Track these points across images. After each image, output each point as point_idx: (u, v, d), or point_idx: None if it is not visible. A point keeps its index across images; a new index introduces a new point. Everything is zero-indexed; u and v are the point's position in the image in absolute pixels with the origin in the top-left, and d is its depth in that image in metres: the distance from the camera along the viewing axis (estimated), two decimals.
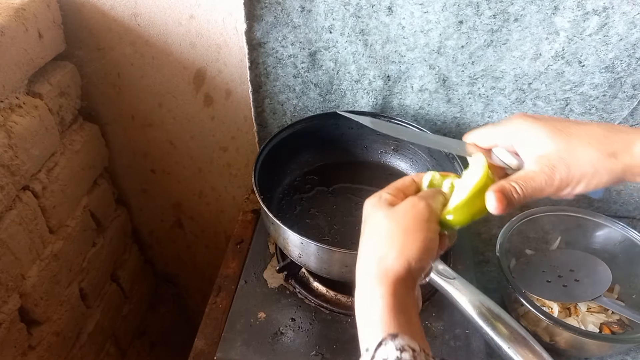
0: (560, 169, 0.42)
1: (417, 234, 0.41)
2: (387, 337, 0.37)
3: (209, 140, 1.02)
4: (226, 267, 0.83)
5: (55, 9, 0.83)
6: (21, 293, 0.80)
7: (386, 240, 0.42)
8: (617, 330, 0.73)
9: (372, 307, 0.40)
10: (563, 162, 0.42)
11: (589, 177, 0.42)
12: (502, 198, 0.42)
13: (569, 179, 0.42)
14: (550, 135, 0.43)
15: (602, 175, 0.42)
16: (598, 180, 0.42)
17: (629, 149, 0.42)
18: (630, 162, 0.42)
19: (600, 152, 0.42)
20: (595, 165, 0.42)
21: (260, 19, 0.77)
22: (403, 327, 0.38)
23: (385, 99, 0.87)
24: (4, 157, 0.73)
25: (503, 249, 0.75)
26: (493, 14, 0.72)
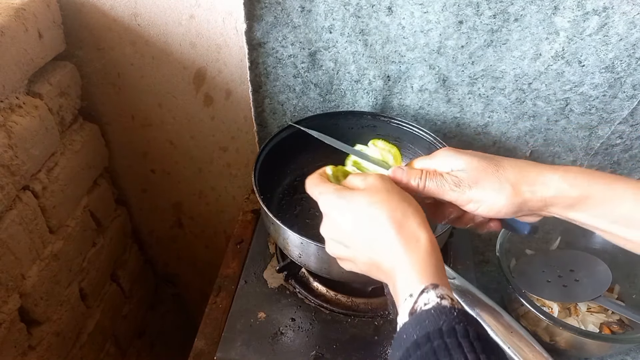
0: (465, 183, 0.49)
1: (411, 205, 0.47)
2: (429, 286, 0.41)
3: (209, 140, 1.02)
4: (226, 267, 0.83)
5: (55, 9, 0.83)
6: (21, 293, 0.80)
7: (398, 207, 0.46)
8: (617, 330, 0.73)
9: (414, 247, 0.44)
10: (471, 181, 0.48)
11: (487, 205, 0.48)
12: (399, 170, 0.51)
13: (470, 196, 0.49)
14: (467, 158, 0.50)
15: (499, 209, 0.48)
16: (496, 211, 0.48)
17: (538, 186, 0.47)
18: (529, 197, 0.47)
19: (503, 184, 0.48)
20: (493, 200, 0.48)
21: (260, 19, 0.77)
22: (441, 278, 0.43)
23: (385, 99, 0.87)
24: (4, 157, 0.73)
25: (503, 249, 0.75)
26: (493, 14, 0.72)
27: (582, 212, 0.47)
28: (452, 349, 0.36)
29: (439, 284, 0.41)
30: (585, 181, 0.46)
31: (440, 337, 0.37)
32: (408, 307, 0.41)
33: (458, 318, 0.38)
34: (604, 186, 0.46)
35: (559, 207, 0.48)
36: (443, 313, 0.38)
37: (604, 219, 0.47)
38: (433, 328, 0.37)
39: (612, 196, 0.46)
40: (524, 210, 0.48)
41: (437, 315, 0.38)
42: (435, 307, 0.39)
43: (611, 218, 0.46)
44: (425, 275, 0.42)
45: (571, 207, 0.47)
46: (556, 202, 0.47)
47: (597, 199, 0.46)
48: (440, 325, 0.37)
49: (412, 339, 0.38)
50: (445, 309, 0.39)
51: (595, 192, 0.46)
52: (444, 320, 0.38)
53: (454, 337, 0.37)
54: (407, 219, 0.45)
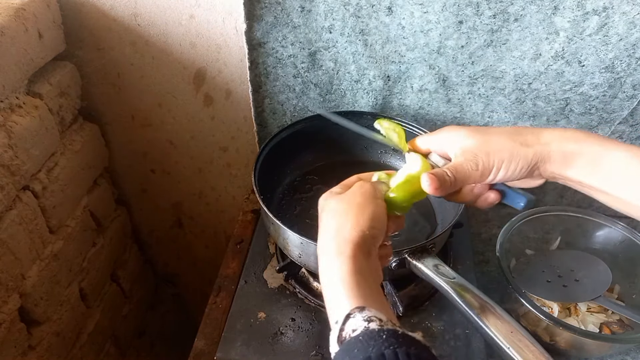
0: (481, 156, 0.49)
1: (367, 207, 0.48)
2: (354, 310, 0.40)
3: (209, 140, 1.02)
4: (226, 267, 0.83)
5: (55, 9, 0.83)
6: (21, 293, 0.80)
7: (340, 216, 0.48)
8: (617, 330, 0.73)
9: (335, 277, 0.43)
10: (483, 151, 0.49)
11: (507, 161, 0.49)
12: (435, 178, 0.49)
13: (490, 164, 0.49)
14: (470, 134, 0.51)
15: (517, 161, 0.48)
16: (515, 165, 0.49)
17: (537, 138, 0.49)
18: (540, 149, 0.48)
19: (513, 141, 0.49)
20: (511, 151, 0.48)
21: (260, 19, 0.77)
22: (367, 298, 0.42)
23: (385, 99, 0.87)
24: (4, 157, 0.73)
25: (503, 249, 0.75)
26: (493, 14, 0.72)
27: (577, 168, 0.48)
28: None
29: (365, 306, 0.40)
30: (582, 136, 0.48)
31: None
32: (335, 335, 0.40)
33: (387, 342, 0.37)
34: (598, 145, 0.47)
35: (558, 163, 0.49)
36: (371, 338, 0.37)
37: (597, 176, 0.47)
38: (362, 357, 0.36)
39: (605, 151, 0.47)
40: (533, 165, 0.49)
41: (365, 342, 0.37)
42: (363, 333, 0.38)
43: (604, 174, 0.47)
44: (351, 296, 0.41)
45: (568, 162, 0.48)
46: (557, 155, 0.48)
47: (591, 154, 0.47)
48: (370, 354, 0.36)
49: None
50: (373, 333, 0.38)
51: (590, 148, 0.47)
52: (372, 346, 0.37)
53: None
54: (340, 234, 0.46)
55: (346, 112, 0.86)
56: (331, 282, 0.44)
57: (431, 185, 0.49)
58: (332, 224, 0.47)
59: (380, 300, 0.43)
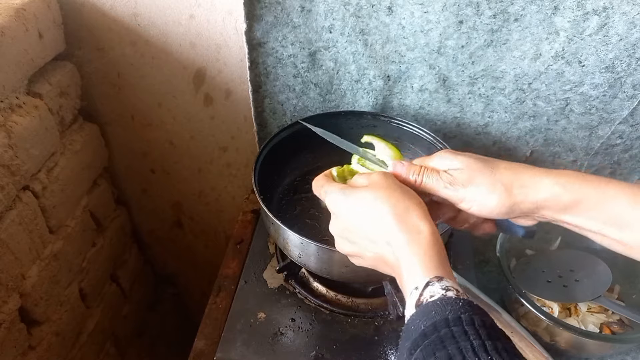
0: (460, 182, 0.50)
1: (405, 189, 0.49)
2: (433, 279, 0.42)
3: (208, 140, 1.02)
4: (226, 267, 0.83)
5: (55, 9, 0.83)
6: (21, 293, 0.80)
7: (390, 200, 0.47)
8: (617, 330, 0.73)
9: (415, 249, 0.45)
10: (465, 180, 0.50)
11: (482, 200, 0.49)
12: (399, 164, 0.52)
13: (462, 195, 0.50)
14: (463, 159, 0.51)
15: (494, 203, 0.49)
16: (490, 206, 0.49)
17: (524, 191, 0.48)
18: (522, 199, 0.48)
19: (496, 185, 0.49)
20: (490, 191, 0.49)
21: (260, 18, 0.77)
22: (445, 270, 0.44)
23: (385, 99, 0.87)
24: (4, 157, 0.73)
25: (503, 249, 0.75)
26: (493, 14, 0.72)
27: (575, 215, 0.48)
28: (458, 337, 0.37)
29: (443, 276, 0.43)
30: (577, 184, 0.47)
31: (447, 325, 0.38)
32: (414, 299, 0.42)
33: (463, 308, 0.39)
34: (596, 189, 0.47)
35: (552, 210, 0.49)
36: (449, 304, 0.40)
37: (596, 221, 0.47)
38: (439, 318, 0.39)
39: (604, 198, 0.46)
40: (516, 211, 0.49)
41: (443, 306, 0.40)
42: (441, 299, 0.40)
43: (604, 220, 0.47)
44: (429, 267, 0.43)
45: (564, 210, 0.48)
46: (548, 205, 0.48)
47: (589, 201, 0.47)
48: (447, 315, 0.39)
49: (419, 329, 0.39)
50: (450, 299, 0.40)
51: (587, 195, 0.47)
52: (449, 310, 0.39)
53: (460, 325, 0.38)
54: (409, 212, 0.46)
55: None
56: (411, 258, 0.45)
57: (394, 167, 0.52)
58: (385, 208, 0.47)
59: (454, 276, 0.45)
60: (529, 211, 0.49)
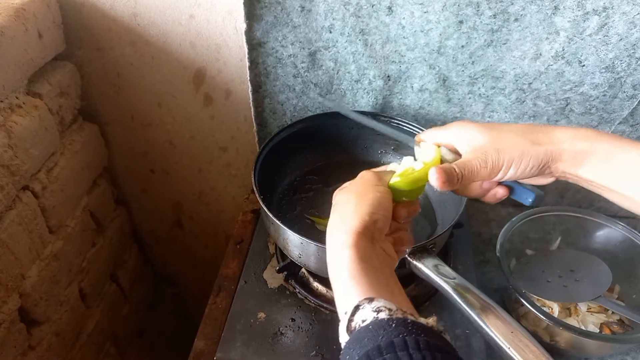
0: (491, 154, 0.49)
1: (367, 194, 0.48)
2: (363, 301, 0.40)
3: (208, 140, 1.02)
4: (226, 267, 0.83)
5: (55, 9, 0.83)
6: (21, 293, 0.80)
7: (342, 207, 0.49)
8: (617, 330, 0.73)
9: (342, 267, 0.43)
10: (493, 148, 0.49)
11: (517, 159, 0.48)
12: (442, 173, 0.49)
13: (500, 162, 0.49)
14: (482, 131, 0.51)
15: (528, 160, 0.48)
16: (525, 164, 0.48)
17: (549, 137, 0.49)
18: (551, 148, 0.48)
19: (525, 139, 0.49)
20: (521, 149, 0.48)
21: (260, 18, 0.77)
22: (376, 287, 0.42)
23: (385, 99, 0.87)
24: (4, 157, 0.73)
25: (503, 249, 0.75)
26: (493, 14, 0.72)
27: (588, 167, 0.48)
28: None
29: (374, 297, 0.40)
30: (592, 135, 0.48)
31: (380, 354, 0.36)
32: (344, 325, 0.40)
33: (396, 330, 0.37)
34: (609, 142, 0.47)
35: (566, 163, 0.48)
36: (381, 327, 0.37)
37: (608, 174, 0.47)
38: (372, 345, 0.36)
39: (617, 151, 0.47)
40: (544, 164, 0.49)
41: (375, 331, 0.37)
42: (372, 322, 0.38)
43: (615, 174, 0.47)
44: (357, 289, 0.41)
45: (578, 161, 0.48)
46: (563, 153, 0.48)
47: (603, 153, 0.47)
48: (379, 342, 0.36)
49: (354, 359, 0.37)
50: (382, 322, 0.38)
51: (601, 146, 0.47)
52: (382, 335, 0.37)
53: (393, 352, 0.35)
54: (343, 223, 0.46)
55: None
56: (338, 272, 0.44)
57: (438, 180, 0.49)
58: (336, 215, 0.48)
59: (390, 288, 0.43)
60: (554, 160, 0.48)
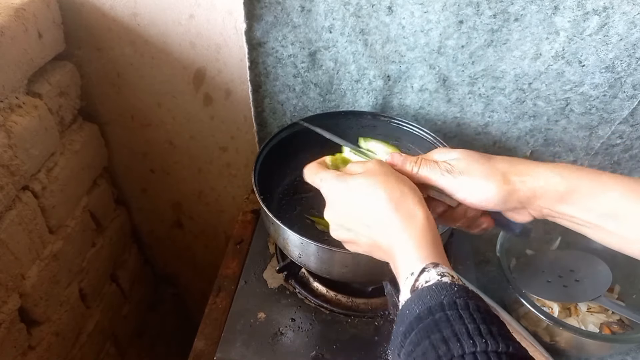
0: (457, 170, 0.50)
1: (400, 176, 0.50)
2: (429, 265, 0.43)
3: (208, 140, 1.02)
4: (226, 267, 0.83)
5: (55, 9, 0.83)
6: (21, 293, 0.80)
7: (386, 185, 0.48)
8: (617, 330, 0.73)
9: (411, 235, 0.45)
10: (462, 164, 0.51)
11: (479, 189, 0.49)
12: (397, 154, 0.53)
13: (462, 183, 0.50)
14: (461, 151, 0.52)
15: (491, 191, 0.49)
16: (487, 195, 0.49)
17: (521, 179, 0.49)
18: (519, 187, 0.49)
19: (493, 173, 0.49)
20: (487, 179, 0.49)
21: (260, 18, 0.77)
22: (441, 257, 0.44)
23: (385, 99, 0.87)
24: (4, 157, 0.73)
25: (503, 249, 0.75)
26: (493, 14, 0.72)
27: (571, 205, 0.48)
28: (453, 320, 0.37)
29: (439, 263, 0.43)
30: (573, 174, 0.48)
31: (442, 309, 0.38)
32: (409, 284, 0.43)
33: (458, 293, 0.40)
34: (591, 180, 0.47)
35: (548, 200, 0.49)
36: (444, 289, 0.40)
37: (592, 212, 0.48)
38: (435, 302, 0.39)
39: (599, 188, 0.47)
40: (513, 201, 0.50)
41: (438, 291, 0.40)
42: (436, 284, 0.41)
43: (599, 211, 0.47)
44: (425, 253, 0.44)
45: (560, 200, 0.48)
46: (545, 195, 0.48)
47: (584, 191, 0.47)
48: (442, 300, 0.39)
49: (414, 313, 0.40)
50: (446, 285, 0.40)
51: (583, 184, 0.47)
52: (444, 295, 0.39)
53: (455, 310, 0.38)
54: (404, 197, 0.47)
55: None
56: (406, 243, 0.45)
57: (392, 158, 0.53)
58: (381, 194, 0.47)
59: (448, 262, 0.45)
60: (525, 200, 0.49)
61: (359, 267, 0.66)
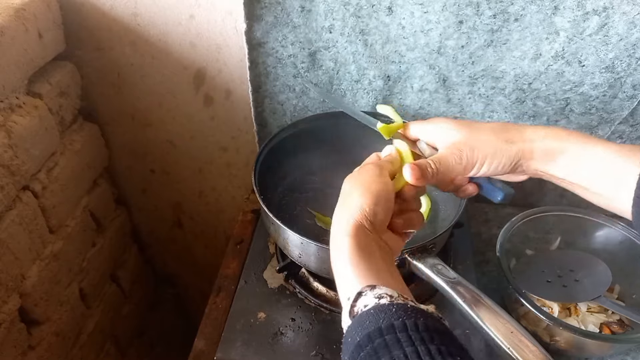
0: (466, 151, 0.52)
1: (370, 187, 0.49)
2: (365, 288, 0.42)
3: (209, 140, 1.02)
4: (226, 267, 0.83)
5: (55, 9, 0.83)
6: (21, 293, 0.80)
7: (344, 197, 0.50)
8: (617, 330, 0.73)
9: (343, 255, 0.45)
10: (468, 145, 0.52)
11: (490, 157, 0.52)
12: (417, 168, 0.51)
13: (474, 159, 0.52)
14: (459, 128, 0.54)
15: (500, 157, 0.52)
16: (498, 161, 0.52)
17: (522, 136, 0.52)
18: (523, 147, 0.51)
19: (498, 137, 0.52)
20: (495, 147, 0.52)
21: (260, 18, 0.77)
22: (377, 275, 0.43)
23: (385, 99, 0.87)
24: (4, 157, 0.73)
25: (503, 249, 0.75)
26: (493, 14, 0.72)
27: (559, 166, 0.51)
28: (391, 346, 0.36)
29: (376, 284, 0.42)
30: (562, 134, 0.51)
31: (380, 335, 0.37)
32: (347, 310, 0.42)
33: (397, 314, 0.38)
34: (578, 141, 0.50)
35: (537, 160, 0.51)
36: (382, 311, 0.39)
37: (578, 174, 0.50)
38: (373, 328, 0.38)
39: (585, 150, 0.50)
40: (516, 161, 0.52)
41: (376, 314, 0.39)
42: (374, 307, 0.40)
43: (585, 174, 0.50)
44: (359, 275, 0.43)
45: (548, 160, 0.51)
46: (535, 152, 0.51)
47: (572, 152, 0.50)
48: (380, 324, 0.38)
49: (355, 341, 0.38)
50: (384, 307, 0.39)
51: (571, 145, 0.50)
52: (382, 318, 0.38)
53: (393, 334, 0.37)
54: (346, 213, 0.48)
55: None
56: (340, 260, 0.45)
57: (413, 175, 0.51)
58: (341, 204, 0.50)
59: (392, 276, 0.45)
60: (526, 159, 0.51)
61: None
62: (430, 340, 0.36)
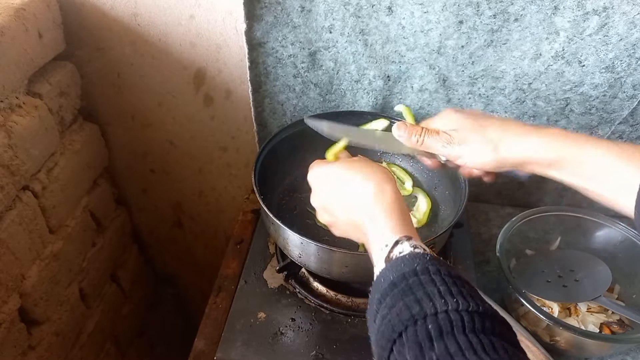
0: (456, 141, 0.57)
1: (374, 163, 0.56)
2: (402, 238, 0.46)
3: (209, 140, 1.02)
4: (226, 267, 0.83)
5: (55, 9, 0.83)
6: (21, 293, 0.80)
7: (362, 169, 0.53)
8: (617, 330, 0.73)
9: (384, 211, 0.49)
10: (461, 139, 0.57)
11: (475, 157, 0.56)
12: (403, 125, 0.59)
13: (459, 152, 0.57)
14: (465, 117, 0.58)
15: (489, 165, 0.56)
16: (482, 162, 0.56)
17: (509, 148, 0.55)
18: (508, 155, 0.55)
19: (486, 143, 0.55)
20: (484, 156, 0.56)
21: (260, 18, 0.77)
22: (413, 232, 0.48)
23: (385, 99, 0.87)
24: (4, 157, 0.73)
25: (503, 249, 0.75)
26: (493, 14, 0.72)
27: (559, 170, 0.53)
28: (425, 283, 0.40)
29: (411, 237, 0.46)
30: (559, 143, 0.53)
31: (415, 275, 0.41)
32: (384, 255, 0.46)
33: (431, 261, 0.42)
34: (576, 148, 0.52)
35: (537, 166, 0.54)
36: (417, 257, 0.43)
37: (579, 177, 0.52)
38: (408, 269, 0.42)
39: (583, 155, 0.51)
40: (506, 165, 0.56)
41: (411, 260, 0.43)
42: (410, 254, 0.44)
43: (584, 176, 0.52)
44: (398, 226, 0.48)
45: (548, 166, 0.53)
46: (533, 162, 0.54)
47: (570, 159, 0.52)
48: (415, 267, 0.42)
49: (389, 280, 0.42)
50: (418, 254, 0.44)
51: (568, 153, 0.52)
52: (417, 263, 0.42)
53: (427, 274, 0.41)
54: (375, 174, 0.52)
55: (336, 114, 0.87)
56: (378, 216, 0.49)
57: (398, 127, 0.59)
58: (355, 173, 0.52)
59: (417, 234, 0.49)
60: (517, 165, 0.55)
61: (358, 267, 0.66)
62: (462, 285, 0.40)
